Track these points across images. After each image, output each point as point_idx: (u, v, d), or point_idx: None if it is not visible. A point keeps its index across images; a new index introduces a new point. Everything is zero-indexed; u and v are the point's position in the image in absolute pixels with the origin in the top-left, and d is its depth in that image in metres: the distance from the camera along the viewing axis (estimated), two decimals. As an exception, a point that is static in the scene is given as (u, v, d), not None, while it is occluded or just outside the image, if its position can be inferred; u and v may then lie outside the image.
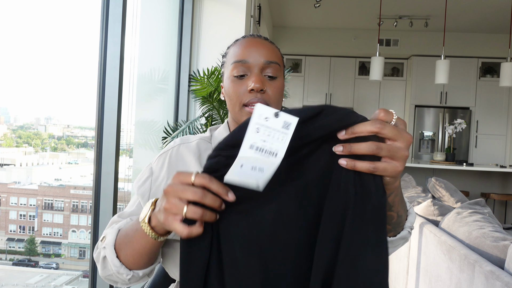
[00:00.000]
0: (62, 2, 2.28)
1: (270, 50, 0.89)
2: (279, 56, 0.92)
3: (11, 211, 2.39)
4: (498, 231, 1.77)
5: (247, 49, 0.88)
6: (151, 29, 3.02)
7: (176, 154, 0.92)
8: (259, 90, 0.86)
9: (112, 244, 0.77)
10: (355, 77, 7.15)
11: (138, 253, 0.73)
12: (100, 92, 2.01)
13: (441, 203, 2.48)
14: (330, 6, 5.79)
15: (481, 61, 6.71)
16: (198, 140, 0.94)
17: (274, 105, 0.88)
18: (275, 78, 0.89)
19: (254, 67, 0.87)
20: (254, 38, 0.91)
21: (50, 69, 2.24)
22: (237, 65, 0.87)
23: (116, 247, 0.77)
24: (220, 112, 2.70)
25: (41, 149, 2.53)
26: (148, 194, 0.89)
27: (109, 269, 0.79)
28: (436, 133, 6.72)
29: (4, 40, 1.95)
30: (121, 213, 0.89)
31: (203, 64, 3.22)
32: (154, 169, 0.91)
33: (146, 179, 0.90)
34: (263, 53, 0.88)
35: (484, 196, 4.88)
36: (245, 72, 0.87)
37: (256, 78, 0.85)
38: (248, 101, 0.86)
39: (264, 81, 0.87)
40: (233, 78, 0.88)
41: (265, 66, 0.87)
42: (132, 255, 0.74)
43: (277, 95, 0.88)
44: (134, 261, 0.75)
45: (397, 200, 0.67)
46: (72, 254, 2.53)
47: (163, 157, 0.92)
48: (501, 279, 1.40)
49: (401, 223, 0.75)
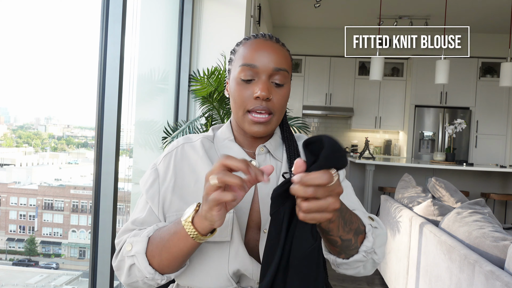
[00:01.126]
0: (62, 2, 2.28)
1: (280, 55, 0.87)
2: (288, 62, 0.89)
3: (11, 211, 2.39)
4: (498, 231, 1.77)
5: (257, 53, 0.86)
6: (151, 29, 3.02)
7: (181, 154, 0.92)
8: (265, 99, 0.85)
9: (144, 252, 0.79)
10: (355, 77, 7.15)
11: (174, 256, 0.77)
12: (100, 92, 2.01)
13: (441, 203, 2.48)
14: (330, 6, 5.80)
15: (481, 61, 6.71)
16: (201, 138, 0.94)
17: (278, 112, 0.88)
18: (282, 86, 0.87)
19: (262, 73, 0.85)
20: (266, 40, 0.88)
21: (50, 69, 2.24)
22: (245, 68, 0.86)
23: (148, 254, 0.79)
24: (220, 112, 2.70)
25: (41, 149, 2.53)
26: (157, 197, 0.88)
27: (136, 276, 0.81)
28: (436, 133, 6.73)
29: (4, 40, 1.95)
30: (133, 220, 0.88)
31: (203, 64, 3.22)
32: (160, 170, 0.91)
33: (153, 182, 0.90)
34: (273, 58, 0.86)
35: (484, 196, 4.88)
36: (253, 76, 0.86)
37: (263, 86, 0.84)
38: (252, 108, 0.85)
39: (271, 89, 0.86)
40: (240, 81, 0.87)
41: (274, 73, 0.86)
42: (168, 259, 0.77)
43: (282, 103, 0.88)
44: (169, 265, 0.78)
45: (333, 227, 0.69)
46: (72, 254, 2.53)
47: (168, 158, 0.92)
48: (501, 279, 1.40)
49: (350, 246, 0.75)
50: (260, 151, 0.92)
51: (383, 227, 0.85)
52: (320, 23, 6.86)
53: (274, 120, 0.88)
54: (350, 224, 0.73)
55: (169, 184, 0.88)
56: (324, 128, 7.58)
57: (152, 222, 0.87)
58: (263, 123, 0.86)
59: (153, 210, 0.88)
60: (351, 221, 0.74)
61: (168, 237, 0.76)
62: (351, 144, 7.47)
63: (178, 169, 0.90)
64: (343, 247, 0.75)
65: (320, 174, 0.58)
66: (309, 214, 0.60)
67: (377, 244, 0.80)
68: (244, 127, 0.88)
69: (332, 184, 0.59)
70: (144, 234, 0.81)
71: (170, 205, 0.87)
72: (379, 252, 0.82)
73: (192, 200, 0.86)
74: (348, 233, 0.73)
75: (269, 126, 0.87)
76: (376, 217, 0.85)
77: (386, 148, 7.37)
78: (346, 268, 0.79)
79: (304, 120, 2.91)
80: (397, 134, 7.46)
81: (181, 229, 0.74)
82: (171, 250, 0.76)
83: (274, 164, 0.92)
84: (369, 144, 5.56)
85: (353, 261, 0.77)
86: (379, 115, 7.17)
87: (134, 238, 0.82)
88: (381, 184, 5.22)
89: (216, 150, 0.93)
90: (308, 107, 7.16)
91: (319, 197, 0.59)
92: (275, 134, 0.96)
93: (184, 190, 0.88)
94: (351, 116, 7.21)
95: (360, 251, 0.77)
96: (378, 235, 0.82)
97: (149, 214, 0.88)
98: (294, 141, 0.95)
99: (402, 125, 7.16)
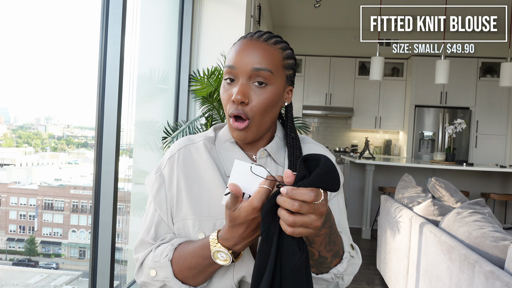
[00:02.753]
0: (62, 2, 2.28)
1: (262, 55, 0.83)
2: (274, 60, 0.84)
3: (11, 211, 2.39)
4: (498, 231, 1.77)
5: (238, 54, 0.84)
6: (151, 29, 3.02)
7: (183, 156, 0.90)
8: (240, 102, 0.82)
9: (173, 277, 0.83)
10: (355, 77, 7.15)
11: (205, 276, 0.82)
12: (100, 92, 2.01)
13: (441, 203, 2.48)
14: (330, 6, 5.80)
15: (481, 61, 6.71)
16: (203, 140, 0.92)
17: (257, 117, 0.84)
18: (265, 87, 0.83)
19: (241, 74, 0.83)
20: (249, 40, 0.85)
21: (50, 69, 2.24)
22: (227, 70, 0.85)
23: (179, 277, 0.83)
24: (220, 112, 2.70)
25: (41, 149, 2.53)
26: (165, 204, 0.88)
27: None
28: (436, 133, 6.73)
29: (4, 40, 1.95)
30: (146, 232, 0.89)
31: (203, 64, 3.22)
32: (165, 175, 0.89)
33: (160, 187, 0.89)
34: (253, 59, 0.82)
35: (484, 196, 4.88)
36: (234, 78, 0.84)
37: (239, 89, 0.82)
38: (231, 112, 0.84)
39: (248, 92, 0.82)
40: (225, 83, 0.86)
41: (253, 73, 0.82)
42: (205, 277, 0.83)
43: (263, 106, 0.83)
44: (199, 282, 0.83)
45: (318, 240, 0.72)
46: (72, 254, 2.53)
47: (172, 162, 0.90)
48: (501, 279, 1.40)
49: (323, 263, 0.78)
50: (261, 155, 0.90)
51: (359, 258, 0.89)
52: (320, 23, 6.86)
53: (253, 126, 0.84)
54: (333, 246, 0.76)
55: (175, 189, 0.88)
56: (324, 128, 7.58)
57: (164, 231, 0.88)
58: (242, 129, 0.84)
59: (162, 217, 0.88)
60: (335, 243, 0.77)
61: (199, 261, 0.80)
62: (351, 144, 7.47)
63: (181, 173, 0.89)
64: (318, 262, 0.77)
65: (307, 191, 0.60)
66: (296, 229, 0.62)
67: (348, 271, 0.83)
68: (230, 131, 0.88)
69: (317, 203, 0.62)
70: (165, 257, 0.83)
71: (177, 211, 0.87)
72: (346, 280, 0.85)
73: (196, 204, 0.86)
74: (328, 252, 0.76)
75: (248, 132, 0.84)
76: (356, 247, 0.90)
77: (386, 148, 7.37)
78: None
79: (304, 120, 2.91)
80: (397, 134, 7.46)
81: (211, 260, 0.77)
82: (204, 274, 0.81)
83: (275, 168, 0.90)
84: (369, 144, 5.56)
85: (320, 278, 0.80)
86: (379, 115, 7.17)
87: (155, 263, 0.84)
88: (381, 184, 5.22)
89: (217, 152, 0.91)
90: (308, 107, 7.16)
91: (303, 213, 0.61)
92: (276, 136, 0.93)
93: (188, 194, 0.87)
94: (351, 116, 7.21)
95: (330, 272, 0.80)
96: (353, 264, 0.85)
97: (159, 222, 0.89)
98: (298, 146, 0.91)
99: (402, 125, 7.16)
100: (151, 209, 0.90)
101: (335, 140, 7.57)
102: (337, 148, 7.39)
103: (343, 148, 7.38)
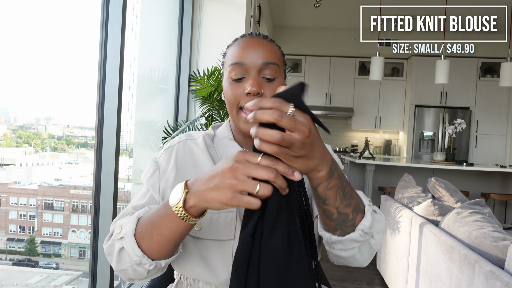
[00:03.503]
0: (62, 2, 2.28)
1: (268, 50, 0.88)
2: (278, 56, 0.90)
3: (11, 211, 2.39)
4: (498, 231, 1.77)
5: (245, 50, 0.87)
6: (151, 29, 3.02)
7: (183, 149, 0.92)
8: (256, 94, 0.85)
9: (132, 234, 0.74)
10: (355, 77, 7.15)
11: (166, 239, 0.72)
12: (100, 92, 2.01)
13: (441, 203, 2.48)
14: (330, 6, 5.80)
15: (481, 61, 6.71)
16: (203, 135, 0.95)
17: None
18: (273, 80, 0.87)
19: (252, 69, 0.86)
20: (252, 38, 0.90)
21: (50, 69, 2.24)
22: (235, 67, 0.87)
23: (137, 236, 0.74)
24: (220, 112, 2.70)
25: (41, 149, 2.53)
26: (158, 185, 0.88)
27: (126, 261, 0.76)
28: (436, 133, 6.73)
29: (4, 40, 1.95)
30: (134, 206, 0.86)
31: (203, 64, 3.22)
32: (161, 162, 0.91)
33: (154, 172, 0.90)
34: (261, 54, 0.86)
35: (484, 196, 4.88)
36: (243, 74, 0.87)
37: (253, 81, 0.84)
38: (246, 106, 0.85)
39: (262, 84, 0.86)
40: (231, 80, 0.88)
41: (263, 67, 0.86)
42: (159, 242, 0.72)
43: None
44: (160, 249, 0.73)
45: (331, 194, 0.68)
46: (72, 254, 2.53)
47: (169, 151, 0.92)
48: (501, 279, 1.40)
49: (346, 221, 0.73)
50: None
51: (382, 214, 0.82)
52: (320, 23, 6.86)
53: None
54: (350, 199, 0.72)
55: (170, 176, 0.89)
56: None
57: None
58: None
59: (154, 197, 0.88)
60: (351, 196, 0.72)
61: (158, 219, 0.71)
62: (351, 144, 7.47)
63: (179, 163, 0.90)
64: (339, 222, 0.72)
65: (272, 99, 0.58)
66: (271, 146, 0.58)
67: (375, 228, 0.77)
68: (240, 126, 0.88)
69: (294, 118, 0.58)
70: (134, 215, 0.78)
71: None
72: (376, 238, 0.78)
73: None
74: (346, 207, 0.71)
75: None
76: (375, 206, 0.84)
77: (386, 148, 7.37)
78: (340, 248, 0.76)
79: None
80: (397, 134, 7.46)
81: (171, 212, 0.69)
82: (162, 232, 0.71)
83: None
84: (369, 144, 5.56)
85: (348, 239, 0.74)
86: (379, 115, 7.17)
87: (124, 219, 0.79)
88: (381, 184, 5.22)
89: (216, 149, 0.94)
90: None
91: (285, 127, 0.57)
92: None
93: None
94: (351, 116, 7.21)
95: (357, 229, 0.74)
96: (378, 220, 0.79)
97: (150, 200, 0.87)
98: None
99: (402, 125, 7.16)
100: (143, 189, 0.90)
101: (335, 140, 7.57)
102: (337, 148, 7.39)
103: (343, 148, 7.38)
